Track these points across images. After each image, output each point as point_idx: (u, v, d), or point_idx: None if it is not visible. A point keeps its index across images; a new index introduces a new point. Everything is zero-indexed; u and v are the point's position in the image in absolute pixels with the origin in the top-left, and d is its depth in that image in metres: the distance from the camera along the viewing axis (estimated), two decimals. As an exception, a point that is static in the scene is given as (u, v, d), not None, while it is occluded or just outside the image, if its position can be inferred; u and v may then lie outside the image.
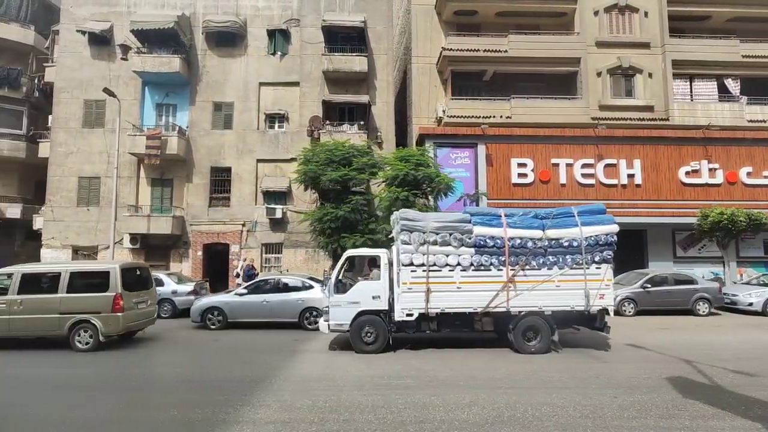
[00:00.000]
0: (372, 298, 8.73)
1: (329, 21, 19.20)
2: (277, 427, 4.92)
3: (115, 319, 8.83)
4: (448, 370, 7.46)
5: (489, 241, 8.68)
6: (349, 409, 5.48)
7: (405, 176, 14.27)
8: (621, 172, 18.43)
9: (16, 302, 8.76)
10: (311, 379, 6.87)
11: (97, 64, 19.83)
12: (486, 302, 8.61)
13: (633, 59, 19.16)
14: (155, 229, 18.39)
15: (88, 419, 5.16)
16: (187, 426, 4.97)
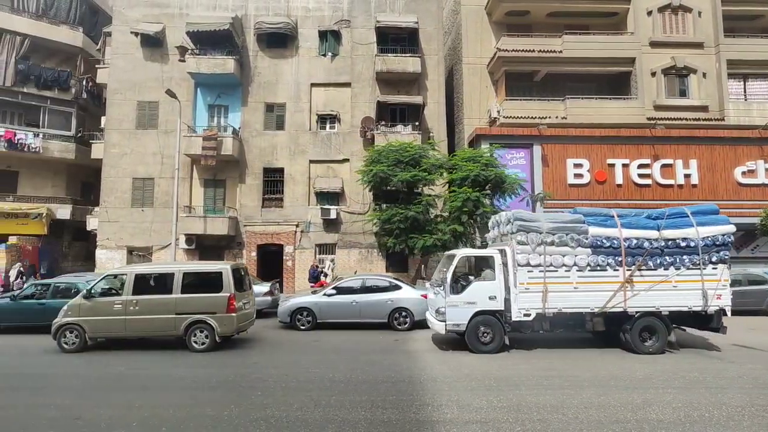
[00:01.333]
0: (488, 298, 8.74)
1: (383, 22, 19.23)
2: (480, 427, 4.94)
3: (230, 319, 8.88)
4: (579, 369, 7.46)
5: (605, 241, 8.69)
6: (531, 408, 5.49)
7: (476, 177, 14.31)
8: (677, 173, 18.42)
9: (131, 303, 8.81)
10: (458, 379, 6.88)
11: (150, 66, 19.91)
12: (603, 302, 8.62)
13: (687, 59, 19.13)
14: (212, 230, 18.44)
15: (294, 419, 5.18)
16: (390, 425, 4.98)
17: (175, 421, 5.11)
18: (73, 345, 8.77)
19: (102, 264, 19.05)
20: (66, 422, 5.09)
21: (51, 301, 10.84)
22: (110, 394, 6.14)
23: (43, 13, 21.56)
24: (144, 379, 6.91)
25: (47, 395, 6.06)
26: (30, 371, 7.43)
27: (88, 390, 6.35)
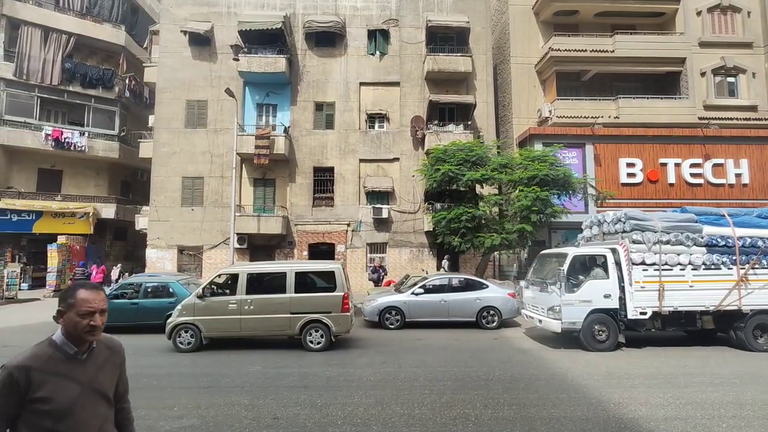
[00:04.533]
0: (603, 296, 8.79)
1: (434, 21, 19.27)
2: (682, 424, 4.98)
3: (345, 318, 8.89)
4: (710, 366, 7.52)
5: (720, 240, 8.76)
6: (713, 405, 5.55)
7: (545, 176, 14.35)
8: (728, 172, 18.54)
9: (246, 302, 8.80)
10: (605, 376, 6.91)
11: (198, 65, 19.87)
12: (717, 301, 8.69)
13: (736, 59, 19.28)
14: (265, 229, 18.43)
15: (501, 418, 5.22)
16: (589, 423, 5.02)
17: (379, 419, 5.13)
18: (189, 345, 8.75)
19: (152, 263, 19.01)
20: (268, 421, 5.10)
21: (144, 301, 10.84)
22: (279, 392, 6.14)
23: (87, 11, 21.50)
24: (294, 378, 6.90)
25: (224, 394, 6.05)
26: (172, 371, 7.41)
27: (255, 389, 6.33)
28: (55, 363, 1.79)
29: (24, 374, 1.72)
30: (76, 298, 1.82)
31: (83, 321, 1.81)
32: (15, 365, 1.74)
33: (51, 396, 1.73)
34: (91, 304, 1.83)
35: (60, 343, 1.84)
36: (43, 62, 20.10)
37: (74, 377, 1.81)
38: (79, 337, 1.83)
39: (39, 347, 1.84)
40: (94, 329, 1.84)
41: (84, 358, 1.87)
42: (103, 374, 1.92)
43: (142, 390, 6.31)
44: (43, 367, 1.76)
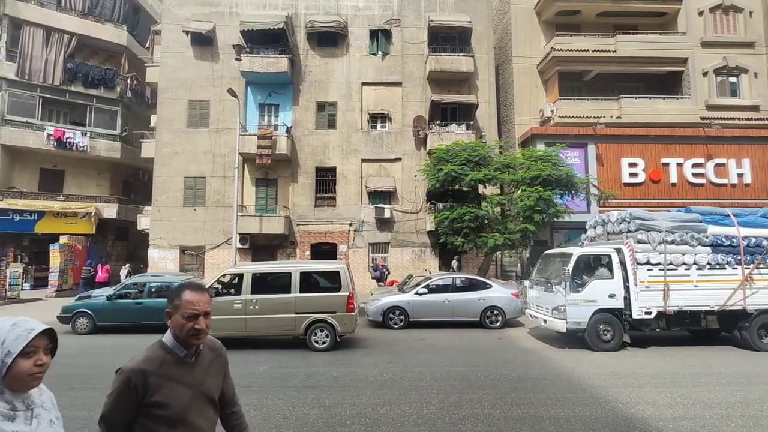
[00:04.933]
0: (608, 296, 8.80)
1: (436, 21, 19.27)
2: (691, 423, 4.99)
3: (350, 318, 8.90)
4: (716, 366, 7.52)
5: (725, 240, 8.78)
6: (721, 404, 5.55)
7: (548, 176, 14.35)
8: (730, 172, 18.56)
9: (251, 302, 8.81)
10: (610, 376, 6.92)
11: (200, 65, 19.86)
12: (722, 300, 8.70)
13: (738, 59, 19.30)
14: (267, 229, 18.43)
15: (510, 417, 5.22)
16: (597, 422, 5.02)
17: (388, 419, 5.14)
18: (194, 344, 8.74)
19: (154, 263, 19.00)
20: (278, 421, 5.10)
21: (148, 300, 10.83)
22: (286, 392, 6.14)
23: (88, 11, 21.48)
24: (301, 377, 6.91)
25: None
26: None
27: (262, 389, 6.31)
28: (167, 366, 1.74)
29: (141, 378, 1.67)
30: (181, 300, 1.76)
31: (188, 324, 1.74)
32: (132, 369, 1.69)
33: (167, 401, 1.68)
34: (195, 306, 1.75)
35: (171, 346, 1.79)
36: (45, 62, 20.08)
37: (185, 381, 1.75)
38: (185, 341, 1.77)
39: (151, 350, 1.79)
40: (198, 333, 1.76)
41: (192, 361, 1.81)
42: (210, 378, 1.86)
43: (150, 390, 6.31)
44: (158, 371, 1.71)
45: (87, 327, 10.66)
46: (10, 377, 1.35)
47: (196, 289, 1.81)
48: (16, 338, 1.36)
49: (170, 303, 1.79)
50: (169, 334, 1.81)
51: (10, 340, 1.35)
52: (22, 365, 1.36)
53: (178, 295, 1.79)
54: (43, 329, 1.42)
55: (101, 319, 10.71)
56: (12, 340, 1.35)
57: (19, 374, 1.36)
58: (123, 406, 1.67)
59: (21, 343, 1.36)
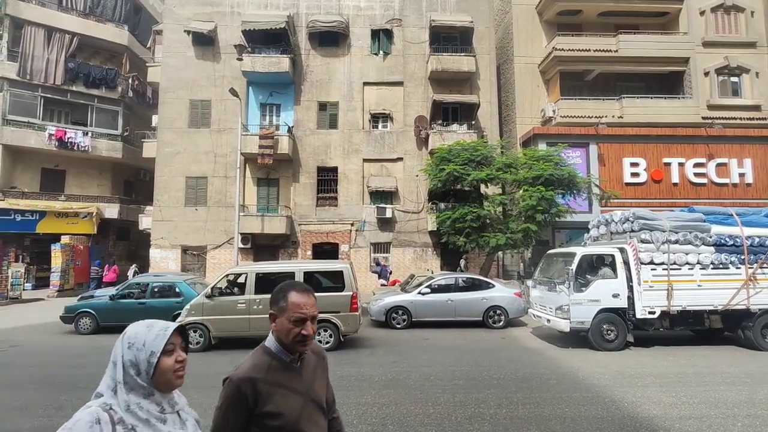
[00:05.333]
0: (612, 296, 8.80)
1: (438, 21, 19.27)
2: (697, 423, 5.00)
3: (354, 318, 8.91)
4: (720, 366, 7.52)
5: (728, 239, 8.78)
6: (726, 404, 5.56)
7: (550, 176, 14.35)
8: (732, 172, 18.57)
9: (255, 302, 8.81)
10: (615, 376, 6.92)
11: (202, 65, 19.86)
12: (726, 300, 8.71)
13: (740, 59, 19.30)
14: (269, 229, 18.43)
15: (516, 417, 5.23)
16: (603, 422, 5.03)
17: (394, 419, 5.15)
18: (198, 345, 8.75)
19: (156, 263, 19.00)
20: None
21: (151, 300, 10.81)
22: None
23: (90, 11, 21.47)
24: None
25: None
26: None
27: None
28: (275, 373, 1.61)
29: (251, 386, 1.56)
30: (288, 302, 1.64)
31: (295, 329, 1.62)
32: (241, 377, 1.57)
33: (279, 410, 1.57)
34: (303, 309, 1.63)
35: (275, 351, 1.66)
36: (46, 62, 20.08)
37: (294, 388, 1.64)
38: (291, 347, 1.65)
39: (256, 356, 1.66)
40: (305, 339, 1.64)
41: (298, 367, 1.69)
42: (317, 383, 1.75)
43: (155, 389, 6.31)
44: (266, 378, 1.59)
45: (90, 327, 10.65)
46: (157, 376, 1.35)
47: (302, 291, 1.69)
48: (155, 338, 1.36)
49: (274, 304, 1.67)
50: (272, 337, 1.69)
51: (150, 340, 1.36)
52: (166, 363, 1.36)
53: (283, 296, 1.66)
54: (176, 326, 1.42)
55: (104, 319, 10.70)
56: (152, 340, 1.36)
57: (165, 372, 1.36)
58: (234, 418, 1.56)
59: (161, 341, 1.36)
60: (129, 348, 1.35)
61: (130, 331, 1.39)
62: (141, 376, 1.34)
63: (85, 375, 7.16)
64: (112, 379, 1.34)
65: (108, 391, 1.34)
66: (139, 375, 1.34)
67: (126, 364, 1.34)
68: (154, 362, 1.34)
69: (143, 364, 1.34)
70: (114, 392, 1.33)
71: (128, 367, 1.34)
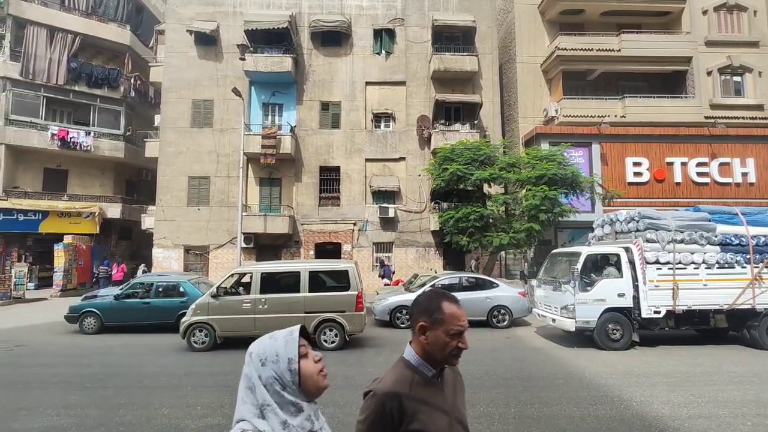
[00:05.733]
0: (617, 295, 8.80)
1: (440, 21, 19.25)
2: (706, 422, 5.00)
3: (359, 317, 8.90)
4: (726, 365, 7.52)
5: (734, 239, 8.78)
6: (735, 403, 5.56)
7: (553, 175, 14.34)
8: (735, 171, 18.54)
9: (260, 301, 8.81)
10: (623, 375, 6.92)
11: (204, 64, 19.85)
12: (732, 299, 8.70)
13: (742, 58, 19.29)
14: (271, 229, 18.42)
15: (525, 416, 5.23)
16: (614, 421, 5.03)
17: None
18: (203, 344, 8.76)
19: (158, 263, 18.99)
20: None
21: (155, 300, 10.82)
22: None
23: (92, 11, 21.47)
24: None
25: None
26: (190, 370, 7.42)
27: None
28: (418, 389, 1.48)
29: (396, 403, 1.43)
30: (444, 313, 1.51)
31: (452, 342, 1.49)
32: (386, 392, 1.45)
33: (425, 429, 1.44)
34: (461, 321, 1.52)
35: (416, 364, 1.52)
36: (48, 62, 20.08)
37: (439, 405, 1.51)
38: (444, 360, 1.52)
39: (398, 370, 1.53)
40: (460, 353, 1.53)
41: (440, 383, 1.56)
42: (458, 401, 1.61)
43: (164, 389, 6.33)
44: (411, 394, 1.46)
45: (94, 327, 10.66)
46: (304, 382, 1.26)
47: (454, 301, 1.57)
48: (285, 345, 1.27)
49: (426, 315, 1.52)
50: (412, 350, 1.55)
51: (281, 348, 1.26)
52: (308, 366, 1.27)
53: (437, 306, 1.52)
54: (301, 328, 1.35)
55: (109, 318, 10.71)
56: (283, 348, 1.26)
57: (310, 375, 1.27)
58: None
59: (293, 346, 1.27)
60: (263, 365, 1.24)
61: (256, 348, 1.28)
62: (287, 389, 1.24)
63: (92, 375, 7.17)
64: (254, 404, 1.22)
65: (255, 418, 1.21)
66: (284, 389, 1.23)
67: (266, 382, 1.23)
68: (296, 368, 1.25)
69: (285, 375, 1.23)
70: (262, 417, 1.21)
71: (270, 385, 1.23)
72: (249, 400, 1.23)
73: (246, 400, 1.24)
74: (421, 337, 1.52)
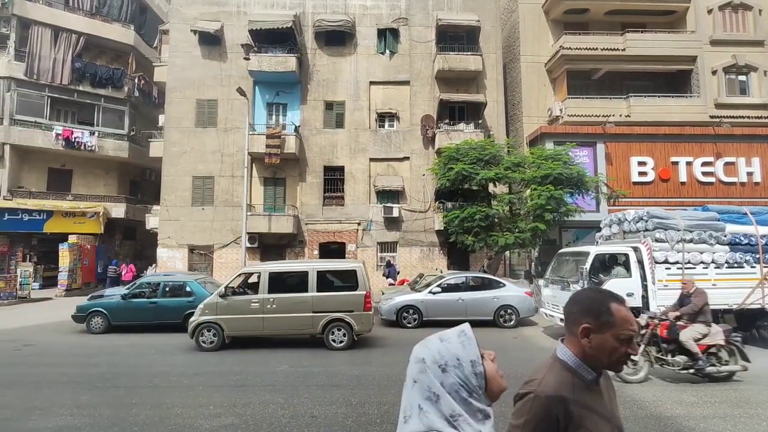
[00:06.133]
0: (626, 295, 8.72)
1: (444, 20, 19.23)
2: (721, 422, 4.98)
3: (367, 317, 8.90)
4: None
5: (743, 238, 8.76)
6: (749, 403, 5.54)
7: (559, 175, 14.32)
8: (740, 170, 18.50)
9: (268, 301, 8.81)
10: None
11: (208, 64, 19.84)
12: (741, 299, 8.68)
13: (748, 57, 19.24)
14: (276, 229, 18.42)
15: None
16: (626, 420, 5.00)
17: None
18: (212, 344, 8.75)
19: (163, 263, 19.00)
20: (307, 420, 5.09)
21: (162, 300, 10.82)
22: (311, 391, 6.13)
23: (96, 11, 21.48)
24: (323, 376, 6.88)
25: (256, 393, 6.05)
26: (200, 369, 7.41)
27: (286, 387, 6.29)
28: (579, 393, 1.36)
29: (562, 408, 1.31)
30: (614, 316, 1.36)
31: (622, 348, 1.36)
32: (550, 395, 1.32)
33: None
34: (632, 325, 1.38)
35: (575, 366, 1.40)
36: (53, 62, 20.10)
37: (601, 412, 1.38)
38: (610, 366, 1.40)
39: (555, 371, 1.40)
40: (628, 358, 1.39)
41: (597, 387, 1.42)
42: (615, 407, 1.47)
43: (175, 389, 6.33)
44: (575, 399, 1.33)
45: (102, 326, 10.66)
46: (490, 385, 1.16)
47: (622, 302, 1.42)
48: (463, 346, 1.16)
49: (593, 318, 1.38)
50: (568, 351, 1.43)
51: (460, 351, 1.15)
52: (491, 367, 1.16)
53: (606, 309, 1.38)
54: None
55: (116, 318, 10.71)
56: (461, 350, 1.15)
57: (493, 376, 1.16)
58: None
59: (473, 347, 1.15)
60: (444, 371, 1.13)
61: (427, 353, 1.16)
62: (474, 394, 1.13)
63: (101, 374, 7.17)
64: (439, 416, 1.10)
65: (448, 427, 1.10)
66: (471, 395, 1.13)
67: (451, 389, 1.11)
68: (482, 371, 1.14)
69: (471, 379, 1.13)
70: (454, 428, 1.09)
71: (456, 392, 1.11)
72: (432, 411, 1.11)
73: (428, 412, 1.11)
74: (583, 340, 1.39)
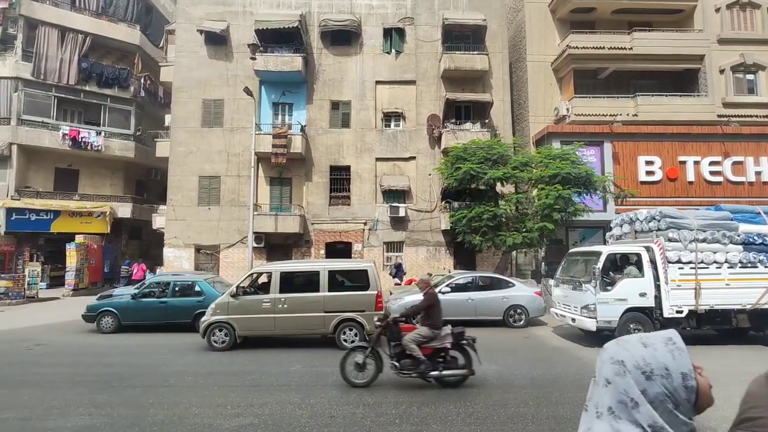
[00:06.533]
0: (639, 295, 8.74)
1: (450, 19, 19.18)
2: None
3: (379, 317, 8.86)
4: (752, 365, 7.46)
5: (757, 238, 8.71)
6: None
7: (567, 174, 14.28)
8: (748, 170, 18.40)
9: (280, 301, 8.80)
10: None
11: (214, 64, 19.85)
12: (755, 299, 8.64)
13: (755, 56, 19.15)
14: (282, 228, 18.41)
15: (559, 417, 5.19)
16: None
17: (436, 417, 5.13)
18: (223, 343, 8.76)
19: (169, 262, 19.03)
20: (326, 420, 5.08)
21: (172, 299, 10.83)
22: (327, 391, 6.13)
23: (102, 11, 21.51)
24: (337, 376, 6.73)
25: (272, 393, 6.04)
26: (213, 369, 7.41)
27: (301, 387, 6.30)
28: None
29: None
30: None
31: None
32: None
33: None
34: None
35: None
36: (59, 62, 20.15)
37: None
38: None
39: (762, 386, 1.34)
40: None
41: None
42: None
43: (191, 388, 6.33)
44: None
45: (112, 326, 10.67)
46: (700, 399, 1.07)
47: None
48: (672, 356, 1.06)
49: None
50: None
51: (669, 361, 1.05)
52: (703, 382, 1.06)
53: None
54: None
55: (126, 318, 10.73)
56: (670, 360, 1.05)
57: (706, 392, 1.07)
58: None
59: (684, 359, 1.05)
60: (648, 379, 1.04)
61: (628, 357, 1.07)
62: (680, 407, 1.05)
63: (116, 374, 7.17)
64: (633, 422, 1.03)
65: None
66: (677, 407, 1.04)
67: (655, 399, 1.03)
68: (694, 385, 1.05)
69: (680, 392, 1.04)
70: None
71: (661, 402, 1.03)
72: (624, 416, 1.05)
73: (620, 417, 1.05)
74: None
